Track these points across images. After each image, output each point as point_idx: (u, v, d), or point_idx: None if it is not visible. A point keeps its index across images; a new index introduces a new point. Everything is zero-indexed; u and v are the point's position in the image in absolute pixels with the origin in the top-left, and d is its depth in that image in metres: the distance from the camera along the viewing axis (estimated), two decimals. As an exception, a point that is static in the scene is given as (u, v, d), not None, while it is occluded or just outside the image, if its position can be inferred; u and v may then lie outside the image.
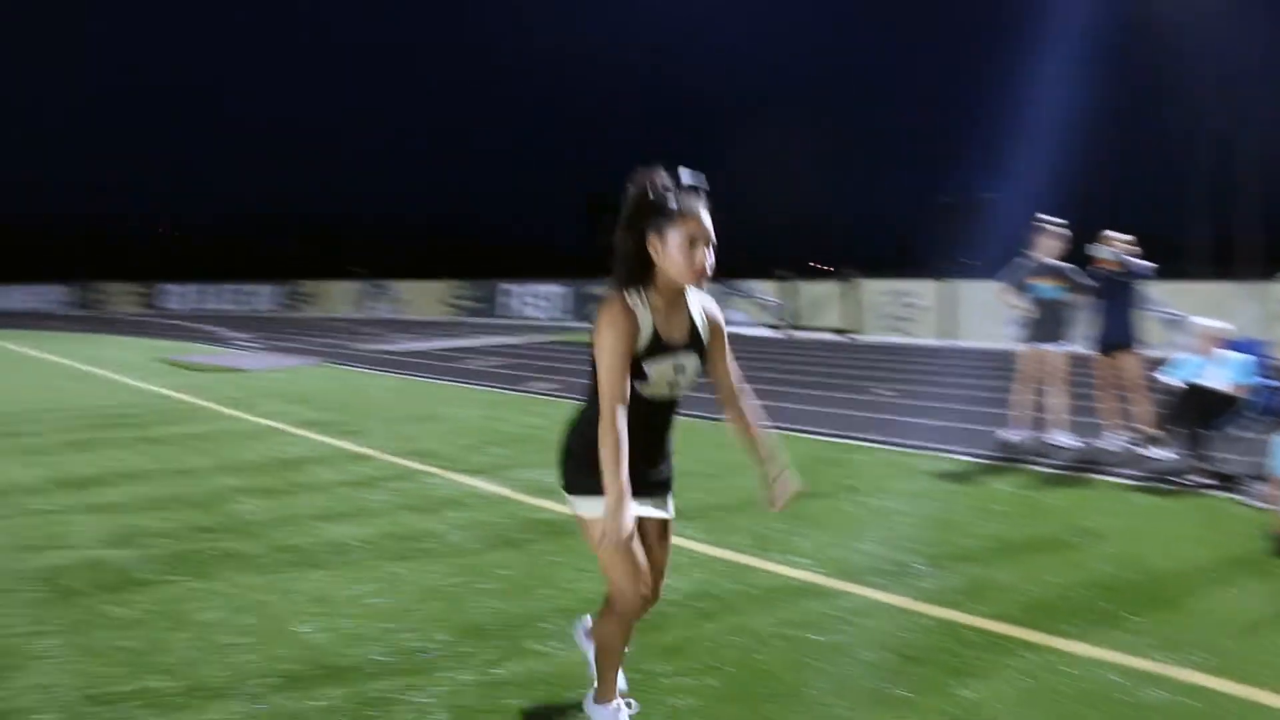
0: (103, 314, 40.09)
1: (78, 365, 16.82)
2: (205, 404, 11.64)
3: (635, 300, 2.94)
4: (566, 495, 3.14)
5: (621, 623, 3.21)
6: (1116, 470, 7.59)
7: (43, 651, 4.12)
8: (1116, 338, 8.52)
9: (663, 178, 2.94)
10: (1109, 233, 8.63)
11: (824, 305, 22.71)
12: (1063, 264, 8.67)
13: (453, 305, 32.34)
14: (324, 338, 23.47)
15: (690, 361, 3.05)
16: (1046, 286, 8.62)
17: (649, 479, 3.11)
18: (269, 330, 26.90)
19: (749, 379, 3.39)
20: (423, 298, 33.51)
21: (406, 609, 4.60)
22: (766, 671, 3.88)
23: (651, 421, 3.06)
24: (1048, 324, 8.65)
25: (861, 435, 9.15)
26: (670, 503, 3.26)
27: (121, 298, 43.85)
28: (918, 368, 15.30)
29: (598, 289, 28.24)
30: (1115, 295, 8.55)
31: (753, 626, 4.37)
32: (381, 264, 48.95)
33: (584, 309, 28.38)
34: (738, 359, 3.29)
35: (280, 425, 10.01)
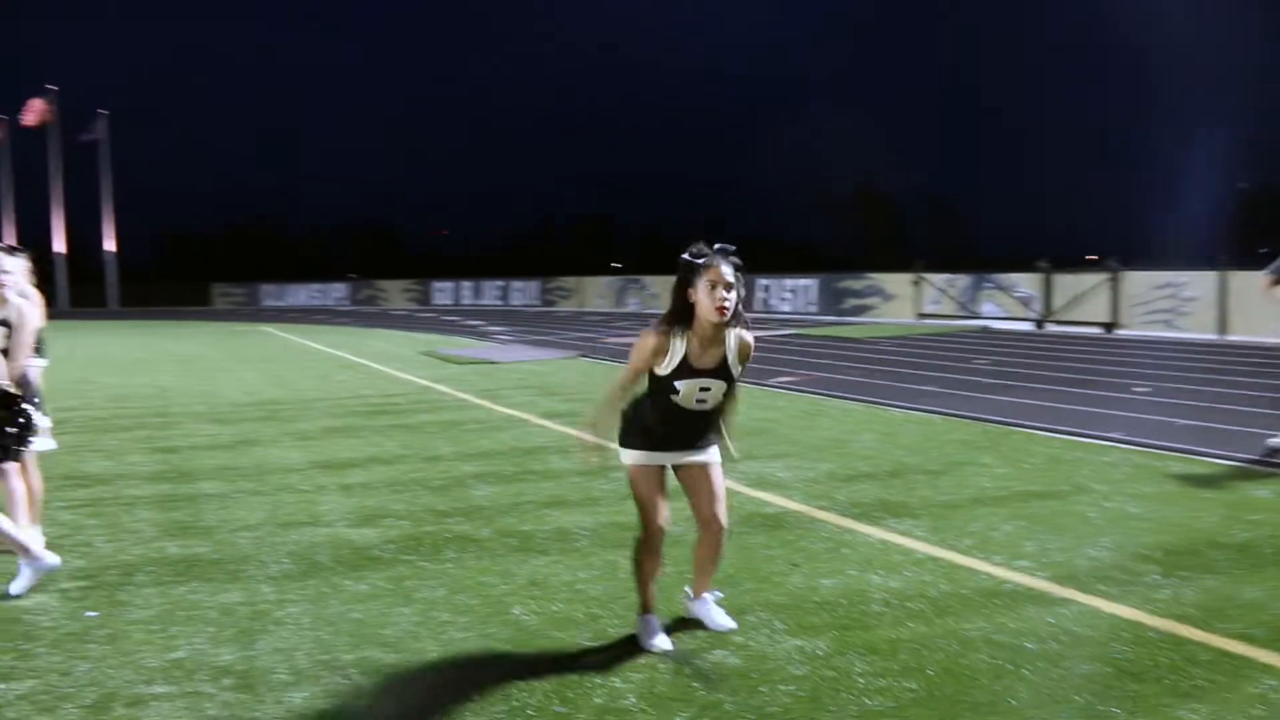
0: (378, 309, 42.97)
1: (350, 357, 18.13)
2: (459, 394, 12.31)
3: (674, 334, 3.93)
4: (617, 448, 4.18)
5: (647, 546, 4.12)
6: (1403, 480, 6.83)
7: (285, 618, 4.50)
8: None
9: (699, 246, 3.96)
10: None
11: (1086, 298, 21.54)
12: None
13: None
14: (577, 331, 24.26)
15: (716, 384, 4.00)
16: (1321, 277, 7.82)
17: (691, 444, 4.11)
18: (527, 324, 28.07)
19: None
20: (676, 292, 33.95)
21: (617, 596, 4.71)
22: (969, 678, 3.75)
23: (689, 419, 4.04)
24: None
25: (1109, 434, 8.62)
26: (711, 450, 4.18)
27: (397, 294, 46.82)
28: (1182, 364, 14.25)
29: (851, 282, 27.90)
30: None
31: (962, 630, 4.23)
32: (642, 260, 50.27)
33: (836, 303, 28.06)
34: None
35: (524, 415, 10.45)
